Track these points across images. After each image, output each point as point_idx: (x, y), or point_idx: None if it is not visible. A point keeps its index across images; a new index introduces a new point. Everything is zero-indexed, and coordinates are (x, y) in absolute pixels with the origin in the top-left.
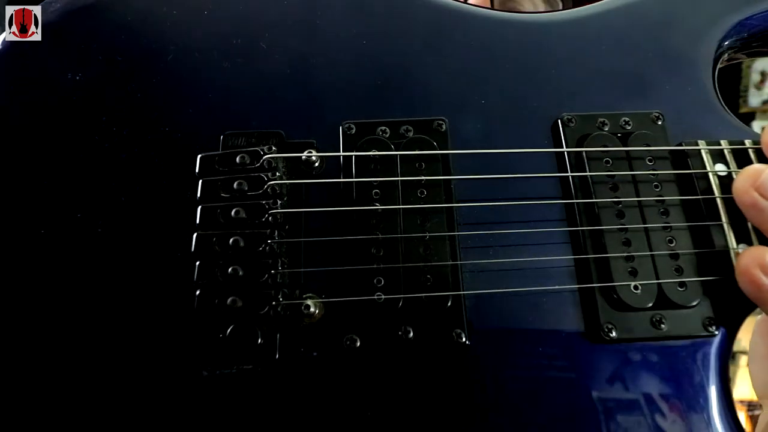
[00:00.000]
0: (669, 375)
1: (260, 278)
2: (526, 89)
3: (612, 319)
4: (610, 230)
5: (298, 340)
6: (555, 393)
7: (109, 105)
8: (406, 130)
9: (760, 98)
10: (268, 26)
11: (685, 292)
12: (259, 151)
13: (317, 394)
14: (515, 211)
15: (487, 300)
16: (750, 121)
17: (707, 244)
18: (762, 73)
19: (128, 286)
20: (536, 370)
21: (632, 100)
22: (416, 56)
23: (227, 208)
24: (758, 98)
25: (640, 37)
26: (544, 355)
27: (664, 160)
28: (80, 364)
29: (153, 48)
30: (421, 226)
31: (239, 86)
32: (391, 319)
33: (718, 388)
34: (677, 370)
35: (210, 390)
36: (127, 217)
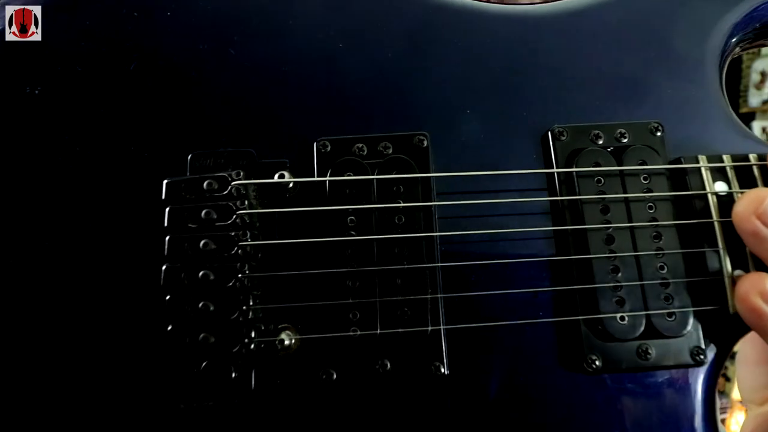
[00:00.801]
0: (653, 405)
1: (231, 315)
2: (516, 96)
3: (596, 350)
4: (598, 258)
5: (274, 372)
6: (537, 425)
7: (70, 122)
8: (385, 147)
9: (760, 98)
10: (238, 29)
11: (673, 321)
12: (227, 177)
13: (294, 427)
14: (500, 238)
15: (467, 331)
16: (750, 121)
17: (701, 270)
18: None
19: (100, 316)
20: (518, 402)
21: (630, 105)
22: (396, 62)
23: (195, 240)
24: (758, 98)
25: (639, 34)
26: (526, 387)
27: (661, 177)
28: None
29: (114, 56)
30: (399, 255)
31: (207, 98)
32: (367, 352)
33: (703, 417)
34: (661, 400)
35: (187, 423)
36: (95, 247)
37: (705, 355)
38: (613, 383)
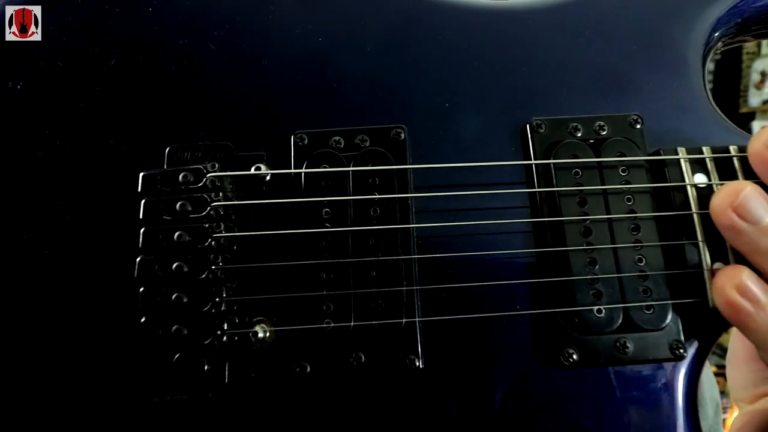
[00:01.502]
0: (632, 400)
1: (203, 307)
2: (495, 89)
3: (573, 343)
4: (574, 250)
5: (248, 365)
6: (513, 419)
7: (51, 116)
8: (362, 140)
9: (760, 98)
10: (217, 23)
11: (652, 314)
12: (202, 169)
13: (268, 420)
14: (477, 229)
15: (444, 324)
16: (750, 121)
17: (680, 263)
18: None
19: (76, 309)
20: (495, 396)
21: (611, 99)
22: (376, 57)
23: (170, 231)
24: (758, 98)
25: (622, 27)
26: (503, 380)
27: (639, 169)
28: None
29: (95, 51)
30: (374, 247)
31: (185, 92)
32: (342, 345)
33: (684, 413)
34: (641, 395)
35: (161, 416)
36: (72, 238)
37: (685, 349)
38: (590, 377)
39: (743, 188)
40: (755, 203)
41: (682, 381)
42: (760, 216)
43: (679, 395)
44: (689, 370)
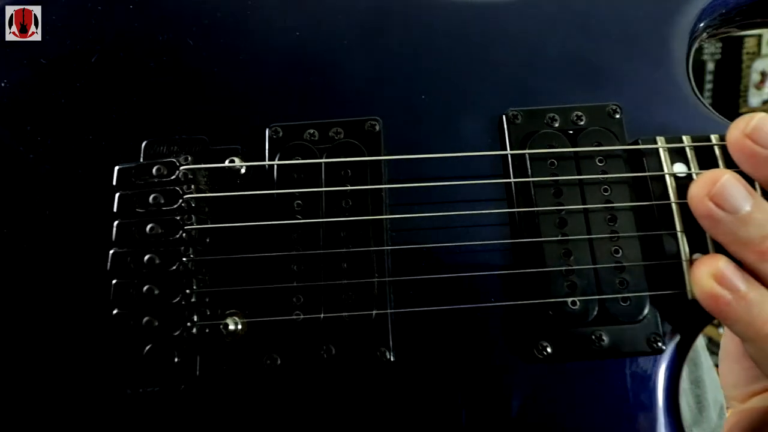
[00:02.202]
0: (610, 395)
1: (173, 299)
2: (472, 81)
3: (547, 336)
4: (549, 242)
5: (220, 357)
6: (486, 412)
7: (33, 113)
8: (336, 132)
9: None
10: (196, 19)
11: (628, 306)
12: (175, 162)
13: (239, 412)
14: (452, 221)
15: (415, 316)
16: None
17: (658, 254)
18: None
19: (53, 302)
20: (467, 389)
21: (591, 89)
22: (352, 50)
23: (142, 224)
24: (758, 98)
25: (602, 17)
26: (476, 373)
27: (617, 160)
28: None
29: (77, 48)
30: (345, 239)
31: (164, 87)
32: (312, 337)
33: (665, 409)
34: (619, 390)
35: (135, 408)
36: (51, 233)
37: (663, 343)
38: (566, 370)
39: (721, 176)
40: (733, 192)
41: (663, 375)
42: (738, 205)
43: (659, 390)
44: (670, 364)
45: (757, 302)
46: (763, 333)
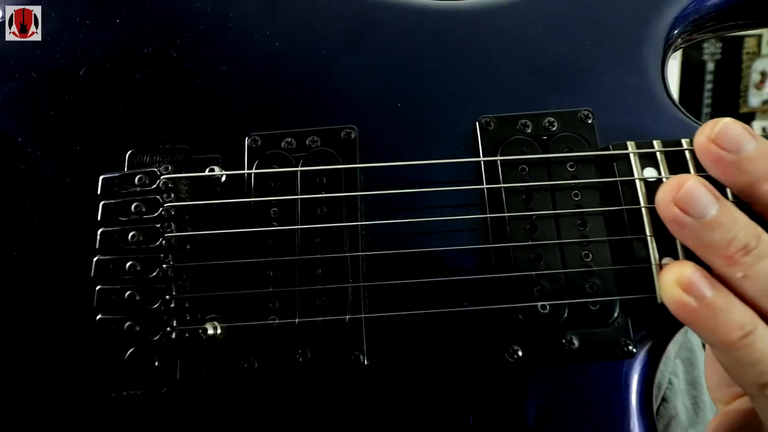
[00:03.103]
0: (582, 399)
1: (153, 305)
2: (446, 88)
3: (518, 340)
4: (519, 246)
5: (200, 361)
6: (457, 415)
7: (24, 125)
8: (313, 141)
9: (760, 98)
10: (180, 32)
11: (598, 310)
12: (156, 171)
13: (219, 415)
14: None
15: (389, 321)
16: (750, 122)
17: (628, 258)
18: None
19: (42, 307)
20: (440, 392)
21: (565, 95)
22: (330, 60)
23: (124, 232)
24: (758, 98)
25: (578, 23)
26: (448, 376)
27: (588, 165)
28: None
29: (66, 62)
30: (320, 245)
31: (148, 99)
32: (288, 341)
33: (639, 414)
34: (591, 394)
35: (118, 411)
36: (40, 241)
37: (633, 346)
38: (537, 374)
39: (686, 181)
40: (698, 196)
41: (636, 380)
42: (703, 209)
43: (632, 395)
44: (643, 369)
45: (722, 309)
46: (727, 340)
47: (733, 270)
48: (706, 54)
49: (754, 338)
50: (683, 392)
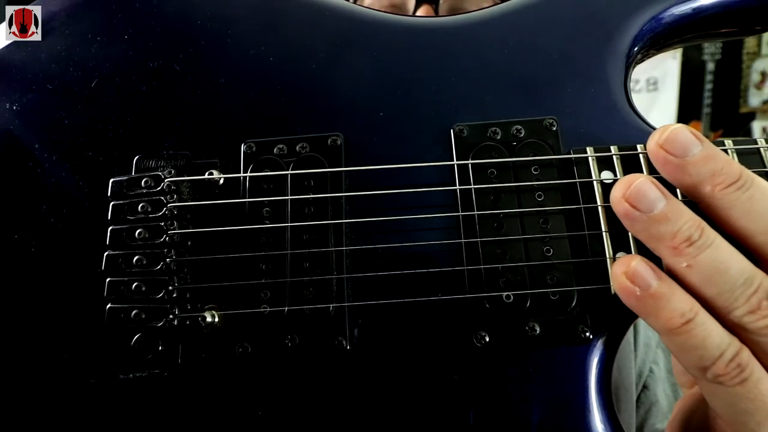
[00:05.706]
0: (545, 382)
1: (157, 295)
2: (426, 99)
3: (485, 326)
4: (487, 242)
5: (200, 346)
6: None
7: (41, 132)
8: (302, 147)
9: (760, 98)
10: (182, 48)
11: (558, 300)
12: (160, 175)
13: (215, 396)
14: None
15: (370, 309)
16: (750, 121)
17: (585, 253)
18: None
19: (57, 298)
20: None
21: (532, 105)
22: (319, 72)
23: (132, 230)
24: (758, 98)
25: (546, 38)
26: (422, 360)
27: (551, 169)
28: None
29: (78, 75)
30: (307, 241)
31: (154, 109)
32: (278, 328)
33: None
34: (553, 377)
35: (127, 391)
36: (56, 237)
37: (590, 333)
38: (504, 358)
39: (636, 179)
40: (646, 192)
41: (595, 367)
42: (651, 204)
43: (591, 382)
44: (601, 357)
45: (665, 297)
46: (669, 326)
47: (679, 260)
48: (707, 54)
49: (694, 325)
50: (664, 380)
